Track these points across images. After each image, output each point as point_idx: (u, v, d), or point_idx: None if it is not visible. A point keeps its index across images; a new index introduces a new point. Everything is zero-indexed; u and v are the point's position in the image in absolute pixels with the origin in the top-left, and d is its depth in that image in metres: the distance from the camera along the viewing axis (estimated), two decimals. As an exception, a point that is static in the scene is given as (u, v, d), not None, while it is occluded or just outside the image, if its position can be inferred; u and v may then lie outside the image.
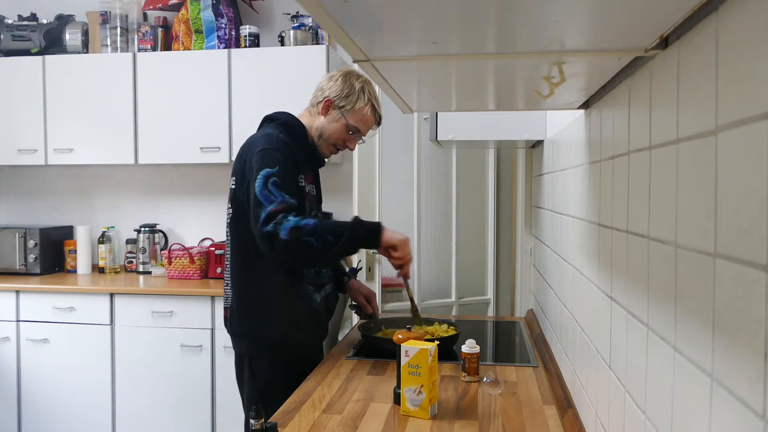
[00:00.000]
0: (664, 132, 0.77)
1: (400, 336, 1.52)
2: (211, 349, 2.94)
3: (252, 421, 1.24)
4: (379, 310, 2.20)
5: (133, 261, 3.51)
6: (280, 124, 1.91)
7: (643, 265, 0.86)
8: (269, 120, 1.96)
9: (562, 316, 1.68)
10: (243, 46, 3.25)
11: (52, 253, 3.45)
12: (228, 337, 1.96)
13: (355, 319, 2.48)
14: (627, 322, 0.95)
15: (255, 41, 3.26)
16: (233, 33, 3.30)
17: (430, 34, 0.79)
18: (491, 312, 3.71)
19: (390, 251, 1.82)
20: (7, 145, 3.38)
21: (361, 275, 2.84)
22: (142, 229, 3.47)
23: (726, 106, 0.58)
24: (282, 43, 3.24)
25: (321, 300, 1.92)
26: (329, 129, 1.94)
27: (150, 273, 3.43)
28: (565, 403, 1.45)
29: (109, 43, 3.38)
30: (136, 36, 3.39)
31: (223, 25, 3.28)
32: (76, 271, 3.47)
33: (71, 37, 3.42)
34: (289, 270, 1.84)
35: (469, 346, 1.70)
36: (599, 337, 1.16)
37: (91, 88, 3.29)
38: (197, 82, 3.19)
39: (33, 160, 3.37)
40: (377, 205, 3.13)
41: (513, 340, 2.25)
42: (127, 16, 3.39)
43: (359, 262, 2.76)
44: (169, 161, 3.29)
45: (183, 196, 3.63)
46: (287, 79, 3.09)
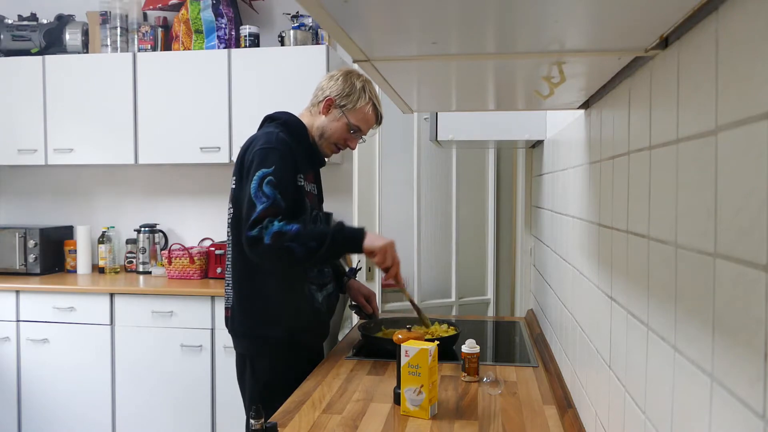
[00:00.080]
0: (664, 132, 0.77)
1: (400, 336, 1.52)
2: (211, 349, 2.95)
3: (252, 421, 1.24)
4: (379, 310, 2.20)
5: (133, 261, 3.51)
6: (280, 124, 1.91)
7: (643, 265, 0.86)
8: (270, 120, 1.96)
9: (562, 316, 1.68)
10: (243, 46, 3.25)
11: (52, 253, 3.45)
12: (228, 337, 1.96)
13: (355, 319, 2.48)
14: (627, 322, 0.95)
15: (255, 41, 3.26)
16: (233, 33, 3.30)
17: (430, 34, 0.79)
18: (491, 312, 3.71)
19: (370, 257, 1.83)
20: (7, 145, 3.38)
21: (361, 275, 2.85)
22: (142, 229, 3.47)
23: (726, 106, 0.58)
24: (282, 43, 3.24)
25: (323, 300, 1.92)
26: (330, 128, 1.94)
27: (150, 273, 3.43)
28: (565, 403, 1.45)
29: (109, 43, 3.38)
30: (136, 36, 3.39)
31: (223, 25, 3.28)
32: (76, 271, 3.47)
33: (71, 37, 3.42)
34: (291, 270, 1.84)
35: (469, 346, 1.70)
36: (599, 337, 1.16)
37: (91, 88, 3.29)
38: (197, 82, 3.19)
39: (33, 160, 3.37)
40: (377, 205, 3.13)
41: (513, 340, 2.25)
42: (127, 16, 3.39)
43: (359, 262, 2.76)
44: (169, 161, 3.29)
45: (183, 196, 3.63)
46: (287, 79, 3.09)
